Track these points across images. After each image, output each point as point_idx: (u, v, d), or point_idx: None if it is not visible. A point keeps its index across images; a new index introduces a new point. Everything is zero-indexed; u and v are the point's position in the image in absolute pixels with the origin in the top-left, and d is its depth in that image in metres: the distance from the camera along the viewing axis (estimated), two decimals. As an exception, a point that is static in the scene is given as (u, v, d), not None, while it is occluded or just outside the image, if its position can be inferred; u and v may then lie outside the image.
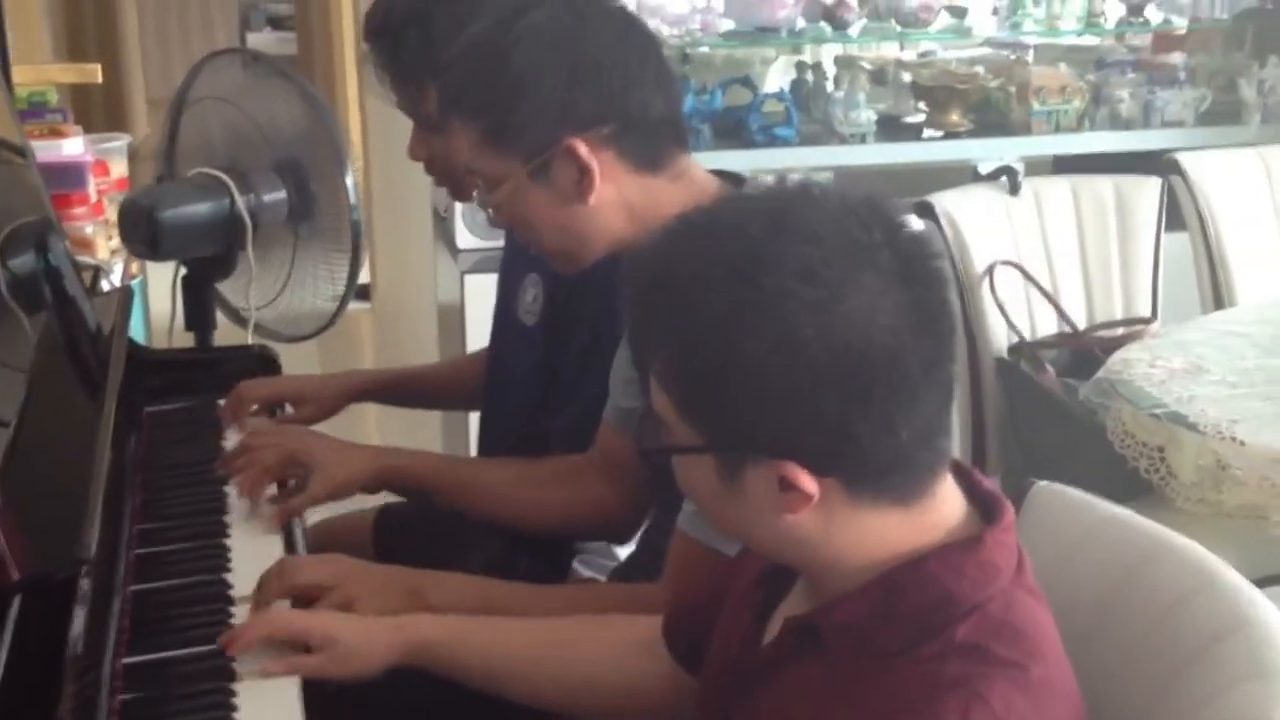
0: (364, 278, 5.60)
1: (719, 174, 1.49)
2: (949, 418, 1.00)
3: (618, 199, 1.39)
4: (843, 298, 0.93)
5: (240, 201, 2.09)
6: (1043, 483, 1.27)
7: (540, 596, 1.48)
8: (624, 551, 1.76)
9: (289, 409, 1.94)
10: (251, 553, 1.51)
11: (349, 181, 2.12)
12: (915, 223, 1.01)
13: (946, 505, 1.01)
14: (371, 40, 1.79)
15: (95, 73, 3.32)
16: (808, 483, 0.95)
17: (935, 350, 0.97)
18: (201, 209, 2.09)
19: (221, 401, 1.91)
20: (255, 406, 1.88)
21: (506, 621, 1.34)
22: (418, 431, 3.17)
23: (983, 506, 1.03)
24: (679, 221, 1.02)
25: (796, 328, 0.93)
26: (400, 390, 2.13)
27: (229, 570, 1.49)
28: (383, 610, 1.39)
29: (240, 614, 1.38)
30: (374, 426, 3.69)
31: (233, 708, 1.23)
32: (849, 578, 1.00)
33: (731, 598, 1.15)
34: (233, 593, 1.44)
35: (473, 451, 2.61)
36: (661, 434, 1.02)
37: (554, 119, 1.36)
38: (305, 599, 1.37)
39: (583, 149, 1.36)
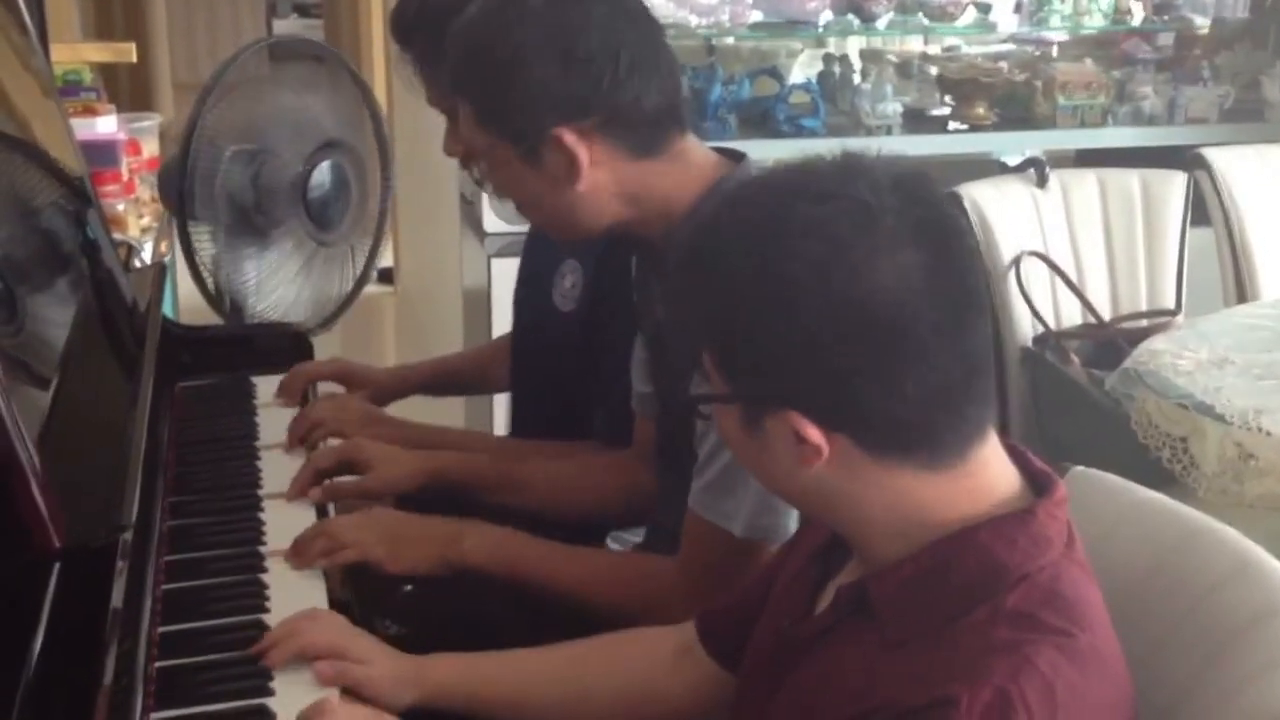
0: (387, 261, 5.60)
1: (720, 150, 1.47)
2: (981, 386, 0.99)
3: (611, 182, 1.38)
4: (844, 256, 0.95)
5: (244, 173, 2.08)
6: (1078, 468, 1.27)
7: (572, 559, 1.50)
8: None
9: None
10: (285, 526, 1.52)
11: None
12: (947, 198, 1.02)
13: (990, 474, 1.01)
14: (404, 36, 1.78)
15: (129, 51, 3.33)
16: (815, 435, 0.97)
17: (951, 314, 0.96)
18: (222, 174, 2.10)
19: (254, 379, 1.92)
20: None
21: (524, 653, 1.33)
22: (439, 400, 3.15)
23: (1034, 482, 1.03)
24: (718, 193, 1.06)
25: (797, 283, 0.95)
26: (446, 382, 2.15)
27: (263, 543, 1.50)
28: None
29: (275, 591, 1.39)
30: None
31: (268, 677, 1.24)
32: (893, 543, 1.01)
33: (783, 577, 1.16)
34: (267, 563, 1.45)
35: (497, 423, 2.62)
36: (703, 386, 1.05)
37: (542, 106, 1.34)
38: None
39: (569, 138, 1.35)
